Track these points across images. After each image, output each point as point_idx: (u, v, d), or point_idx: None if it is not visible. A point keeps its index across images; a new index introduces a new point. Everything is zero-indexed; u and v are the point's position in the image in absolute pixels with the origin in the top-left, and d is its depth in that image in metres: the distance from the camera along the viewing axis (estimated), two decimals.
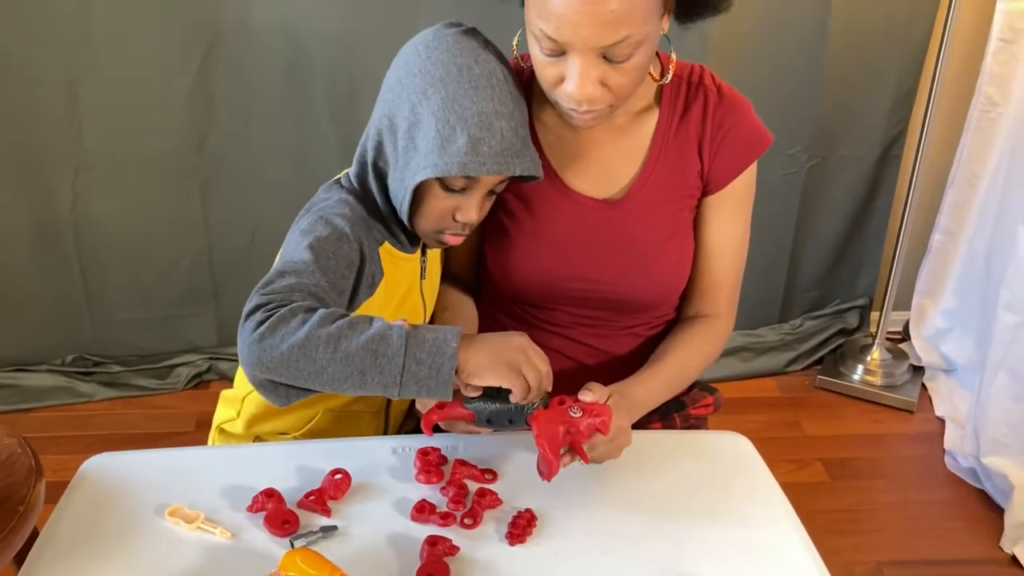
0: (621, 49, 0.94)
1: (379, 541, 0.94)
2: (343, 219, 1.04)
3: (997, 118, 2.24)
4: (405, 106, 1.01)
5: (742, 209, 1.20)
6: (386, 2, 2.07)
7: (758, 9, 2.17)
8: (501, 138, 0.98)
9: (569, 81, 0.98)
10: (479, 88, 0.98)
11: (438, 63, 1.00)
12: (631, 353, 1.22)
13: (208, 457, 1.08)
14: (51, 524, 0.95)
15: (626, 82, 0.99)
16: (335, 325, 0.88)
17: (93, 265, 2.30)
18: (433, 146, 0.98)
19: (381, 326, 0.89)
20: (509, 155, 0.99)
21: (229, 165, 2.24)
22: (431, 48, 1.01)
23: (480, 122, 0.97)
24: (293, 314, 0.89)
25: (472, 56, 1.00)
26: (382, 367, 0.87)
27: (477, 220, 1.07)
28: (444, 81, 0.99)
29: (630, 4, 0.91)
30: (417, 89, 1.00)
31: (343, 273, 1.02)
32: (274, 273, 0.97)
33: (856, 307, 2.65)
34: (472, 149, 0.97)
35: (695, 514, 1.00)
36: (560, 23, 0.93)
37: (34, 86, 2.08)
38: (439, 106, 0.98)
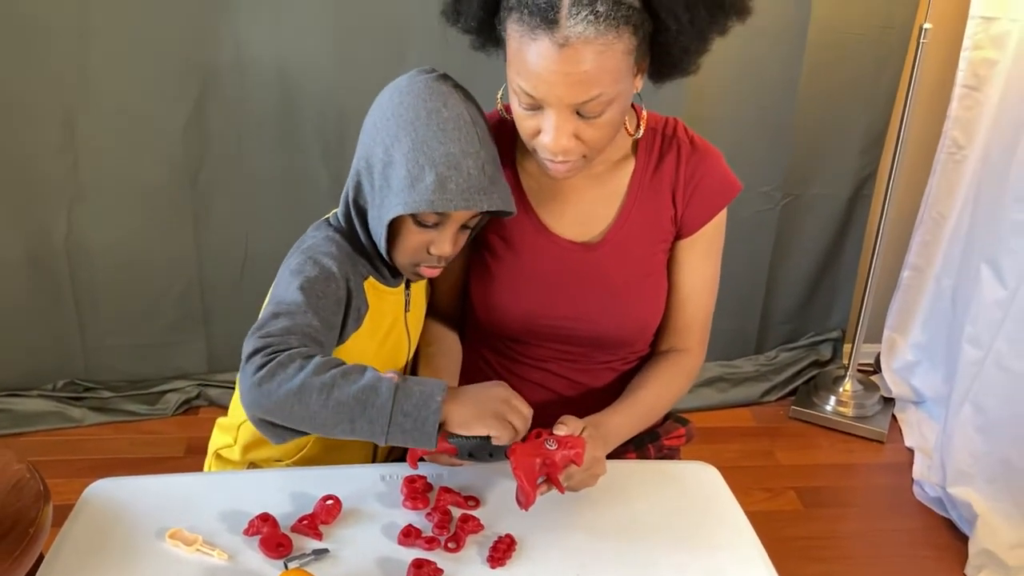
0: (593, 106, 1.02)
1: (368, 564, 0.99)
2: (330, 258, 1.10)
3: (962, 160, 2.34)
4: (379, 148, 1.08)
5: (712, 252, 1.27)
6: (375, 44, 2.15)
7: (734, 53, 2.26)
8: (468, 176, 1.04)
9: (545, 134, 1.05)
10: (447, 130, 1.04)
11: (409, 108, 1.06)
12: (607, 386, 1.29)
13: (206, 483, 1.14)
14: (56, 547, 1.01)
15: (599, 136, 1.06)
16: (329, 374, 0.95)
17: (86, 293, 2.35)
18: (404, 185, 1.04)
19: (372, 377, 0.96)
20: (475, 192, 1.04)
21: (221, 197, 2.30)
22: (404, 93, 1.08)
23: (447, 162, 1.03)
24: (291, 360, 0.96)
25: (441, 100, 1.06)
26: (371, 417, 0.94)
27: (451, 253, 1.13)
28: (414, 124, 1.05)
29: (601, 66, 0.99)
30: (390, 132, 1.07)
31: (333, 310, 1.08)
32: (268, 315, 1.03)
33: (829, 339, 2.73)
34: (440, 187, 1.03)
35: (665, 539, 1.06)
36: (537, 81, 1.00)
37: (32, 119, 2.14)
38: (409, 147, 1.05)
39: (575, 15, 0.96)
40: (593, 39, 0.96)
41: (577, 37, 0.96)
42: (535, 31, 0.98)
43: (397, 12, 2.11)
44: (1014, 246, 2.03)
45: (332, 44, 2.15)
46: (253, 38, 2.14)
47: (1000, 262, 2.07)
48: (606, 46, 0.97)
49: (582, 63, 0.98)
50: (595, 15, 0.96)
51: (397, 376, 0.97)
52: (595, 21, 0.96)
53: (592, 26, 0.96)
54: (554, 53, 0.97)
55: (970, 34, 2.24)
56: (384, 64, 2.15)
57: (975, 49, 2.24)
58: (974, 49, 2.24)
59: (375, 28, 2.13)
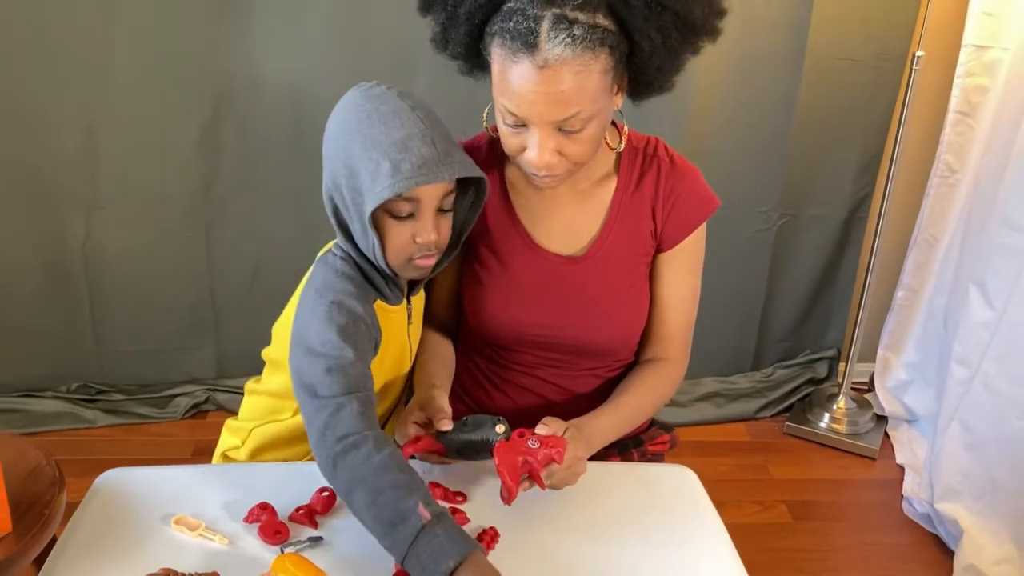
0: (573, 123, 1.09)
1: (358, 551, 1.06)
2: (352, 298, 1.15)
3: (955, 184, 2.39)
4: (339, 164, 1.14)
5: (693, 265, 1.33)
6: (384, 61, 2.23)
7: (733, 77, 2.33)
8: (419, 154, 1.09)
9: (530, 150, 1.12)
10: (388, 122, 1.10)
11: (351, 118, 1.13)
12: (592, 392, 1.35)
13: (210, 474, 1.21)
14: (69, 529, 1.08)
15: (580, 151, 1.13)
16: (383, 497, 0.99)
17: (100, 299, 2.43)
18: (368, 183, 1.10)
19: (407, 507, 0.98)
20: (432, 166, 1.09)
21: (233, 209, 2.39)
22: (343, 110, 1.16)
23: (397, 147, 1.09)
24: (355, 470, 1.01)
25: (377, 101, 1.13)
26: (392, 542, 0.99)
27: (437, 239, 1.16)
28: (359, 129, 1.12)
29: (579, 85, 1.06)
30: (342, 146, 1.13)
31: (368, 348, 1.15)
32: (322, 371, 1.07)
33: (825, 358, 2.79)
34: (395, 171, 1.08)
35: (640, 536, 1.12)
36: (519, 101, 1.08)
37: (56, 131, 2.23)
38: (361, 150, 1.11)
39: (553, 38, 1.03)
40: (571, 60, 1.04)
41: (556, 59, 1.03)
42: (516, 54, 1.05)
43: (405, 30, 2.18)
44: (1000, 268, 2.08)
45: (342, 61, 2.23)
46: (266, 56, 2.22)
47: (987, 283, 2.12)
48: (583, 67, 1.05)
49: (561, 83, 1.05)
50: (572, 38, 1.03)
51: (432, 517, 0.98)
52: (572, 44, 1.03)
53: (569, 48, 1.03)
54: (535, 74, 1.05)
55: (963, 62, 2.29)
56: (394, 80, 2.20)
57: (968, 76, 2.30)
58: (967, 76, 2.30)
59: (384, 46, 2.21)
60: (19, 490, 1.05)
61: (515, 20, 1.05)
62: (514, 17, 1.05)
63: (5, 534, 1.01)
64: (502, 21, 1.06)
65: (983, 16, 2.24)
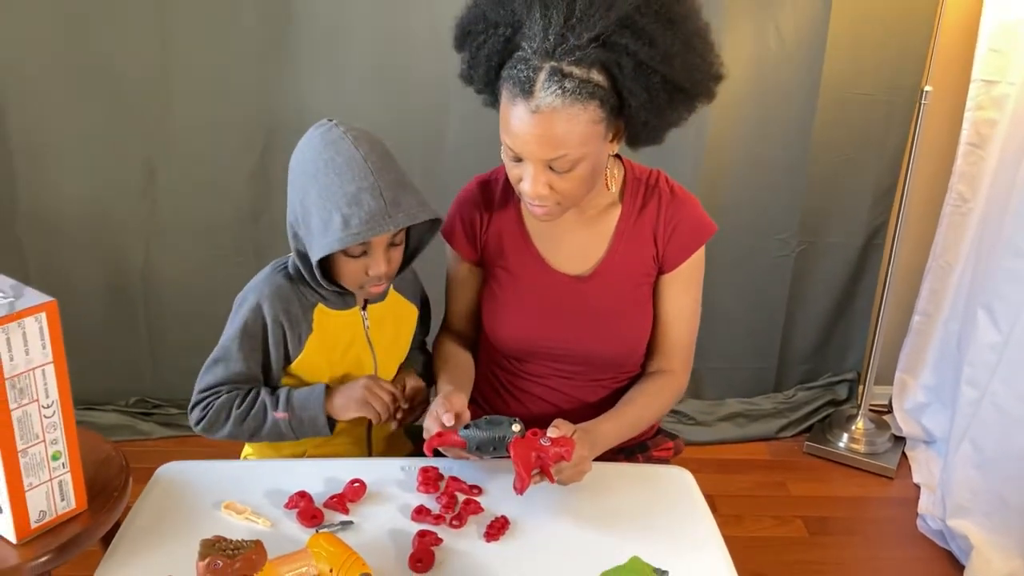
0: (562, 163, 1.24)
1: (383, 533, 1.20)
2: (264, 297, 1.35)
3: (967, 213, 2.49)
4: (297, 202, 1.29)
5: (692, 286, 1.46)
6: (420, 98, 2.39)
7: (749, 111, 2.46)
8: (368, 208, 1.22)
9: (524, 182, 1.27)
10: (342, 173, 1.24)
11: (309, 162, 1.27)
12: (600, 401, 1.48)
13: (256, 467, 1.36)
14: (133, 512, 1.24)
15: (569, 188, 1.27)
16: (246, 423, 1.35)
17: (157, 320, 2.61)
18: (319, 230, 1.25)
19: (271, 422, 1.35)
20: (378, 219, 1.23)
21: (280, 237, 2.51)
22: (303, 151, 1.30)
23: (348, 200, 1.23)
24: (218, 414, 1.37)
25: (333, 149, 1.25)
26: (286, 440, 1.37)
27: (388, 271, 1.32)
28: (315, 176, 1.26)
29: (568, 131, 1.20)
30: (302, 187, 1.28)
31: (261, 344, 1.36)
32: (210, 360, 1.39)
33: (845, 380, 2.87)
34: (344, 225, 1.22)
35: (637, 527, 1.24)
36: (515, 139, 1.23)
37: (119, 165, 2.42)
38: (316, 196, 1.25)
39: (546, 88, 1.18)
40: (560, 109, 1.19)
41: (547, 106, 1.19)
42: (515, 98, 1.21)
43: (438, 68, 2.35)
44: (1006, 292, 2.17)
45: (381, 98, 2.40)
46: (311, 95, 2.40)
47: (994, 307, 2.21)
48: (572, 115, 1.19)
49: (551, 127, 1.20)
50: (563, 90, 1.18)
51: (285, 413, 1.34)
52: (562, 95, 1.18)
53: (559, 98, 1.18)
54: (528, 117, 1.20)
55: (972, 96, 2.40)
56: (429, 115, 2.40)
57: (977, 110, 2.40)
58: (976, 110, 2.40)
59: (419, 83, 2.38)
60: (92, 475, 1.21)
61: (519, 68, 1.20)
62: (519, 65, 1.20)
63: (81, 511, 1.17)
64: (510, 67, 1.22)
65: (991, 52, 2.34)
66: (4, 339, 1.02)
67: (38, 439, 1.09)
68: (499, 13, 1.23)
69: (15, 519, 1.10)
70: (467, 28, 1.29)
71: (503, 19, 1.23)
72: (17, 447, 1.07)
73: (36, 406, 1.08)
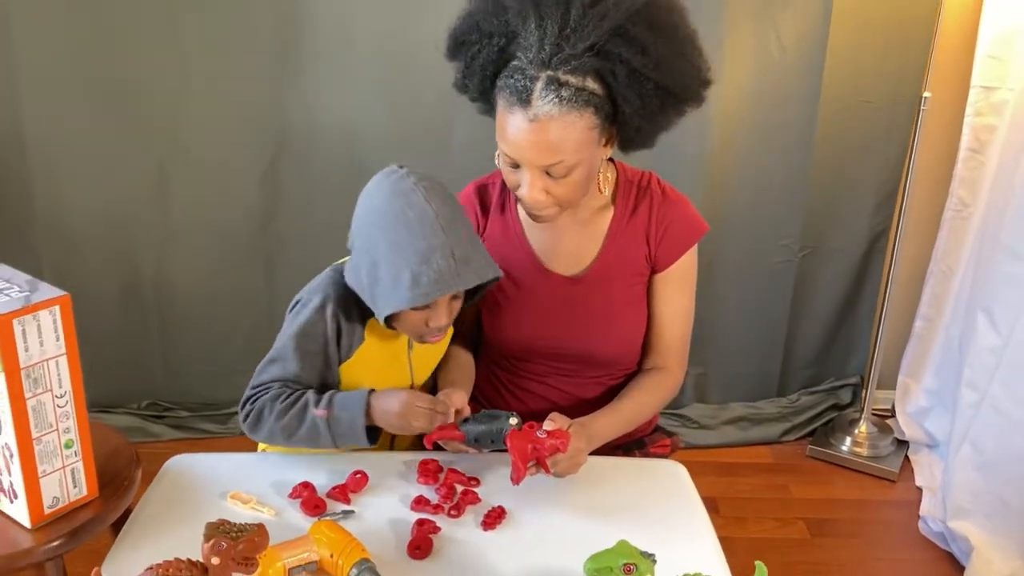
0: (558, 169, 1.28)
1: (383, 522, 1.24)
2: (327, 300, 1.34)
3: (968, 218, 2.51)
4: (365, 254, 1.28)
5: (685, 284, 1.50)
6: (426, 110, 2.44)
7: (750, 117, 2.49)
8: (437, 267, 1.22)
9: (522, 187, 1.31)
10: (412, 230, 1.23)
11: (380, 213, 1.27)
12: (597, 398, 1.52)
13: (261, 459, 1.40)
14: (143, 502, 1.28)
15: (565, 192, 1.32)
16: (285, 419, 1.30)
17: (169, 324, 2.66)
18: (388, 285, 1.25)
19: (310, 421, 1.29)
20: (447, 278, 1.23)
21: (290, 242, 2.60)
22: (373, 198, 1.29)
23: (419, 259, 1.23)
24: (261, 411, 1.32)
25: (404, 201, 1.25)
26: (323, 444, 1.30)
27: (447, 323, 1.33)
28: (385, 229, 1.26)
29: (564, 138, 1.24)
30: (371, 238, 1.28)
31: (320, 348, 1.34)
32: (266, 360, 1.36)
33: (849, 385, 2.90)
34: (415, 284, 1.22)
35: (630, 518, 1.27)
36: (513, 146, 1.27)
37: (132, 171, 2.47)
38: (386, 250, 1.25)
39: (543, 97, 1.22)
40: (557, 117, 1.23)
41: (544, 115, 1.23)
42: (513, 107, 1.25)
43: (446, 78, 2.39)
44: (1005, 296, 2.20)
45: (390, 107, 2.45)
46: (321, 103, 2.45)
47: (994, 310, 2.23)
48: (568, 123, 1.24)
49: (548, 135, 1.24)
50: (559, 98, 1.22)
51: (325, 411, 1.29)
52: (559, 103, 1.22)
53: (556, 107, 1.22)
54: (526, 125, 1.24)
55: (972, 102, 2.42)
56: (435, 124, 2.45)
57: (977, 116, 2.43)
58: (976, 116, 2.43)
59: (426, 92, 2.42)
60: (103, 465, 1.25)
61: (516, 77, 1.24)
62: (515, 75, 1.24)
63: (93, 498, 1.21)
64: (506, 76, 1.26)
65: (989, 59, 2.37)
66: (20, 331, 1.06)
67: (51, 428, 1.14)
68: (493, 23, 1.27)
69: (29, 504, 1.14)
70: (460, 38, 1.32)
71: (497, 29, 1.27)
72: (32, 435, 1.11)
73: (50, 396, 1.12)
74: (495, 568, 1.17)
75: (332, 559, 1.11)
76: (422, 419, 1.27)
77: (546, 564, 1.18)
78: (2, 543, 1.14)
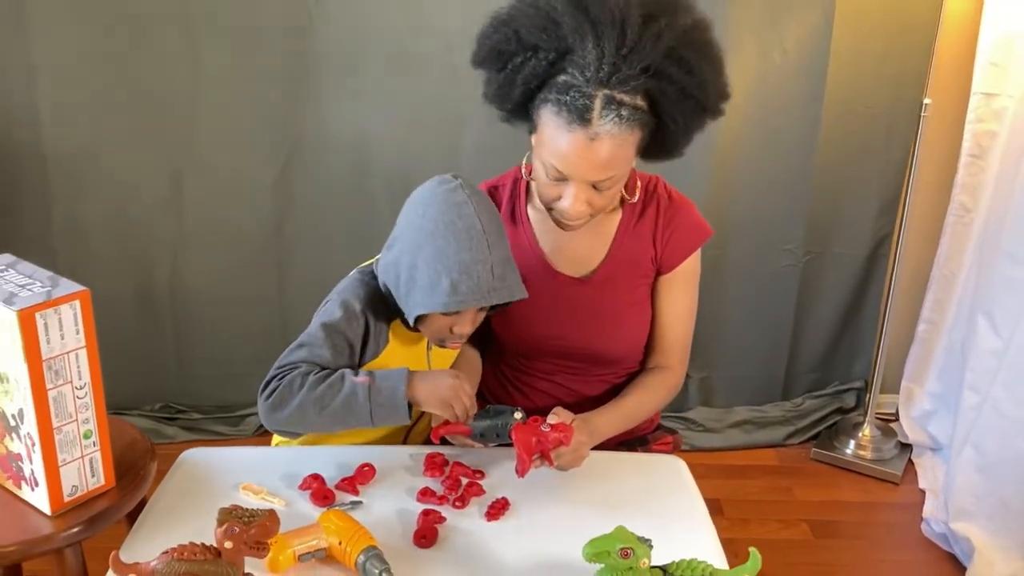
0: (607, 183, 1.32)
1: (390, 512, 1.28)
2: (357, 300, 1.39)
3: (970, 223, 2.54)
4: (406, 255, 1.33)
5: (689, 286, 1.54)
6: (436, 120, 2.49)
7: (753, 124, 2.53)
8: (477, 280, 1.28)
9: (565, 200, 1.34)
10: (460, 240, 1.28)
11: (430, 219, 1.31)
12: (601, 396, 1.55)
13: (272, 452, 1.45)
14: (157, 493, 1.32)
15: (604, 203, 1.36)
16: (319, 389, 1.27)
17: (183, 328, 2.70)
18: (426, 288, 1.30)
19: (349, 386, 1.28)
20: (485, 291, 1.29)
21: (301, 247, 2.65)
22: (426, 206, 1.32)
23: (460, 268, 1.28)
24: (291, 383, 1.29)
25: (455, 212, 1.29)
26: (357, 415, 1.28)
27: (470, 332, 1.38)
28: (433, 235, 1.30)
29: (618, 154, 1.28)
30: (416, 241, 1.32)
31: (348, 344, 1.37)
32: (294, 345, 1.36)
33: (853, 389, 2.92)
34: (452, 291, 1.27)
35: (630, 510, 1.30)
36: (566, 162, 1.30)
37: (147, 177, 2.53)
38: (431, 256, 1.29)
39: (604, 117, 1.25)
40: (616, 135, 1.26)
41: (605, 133, 1.26)
42: (571, 125, 1.26)
43: (454, 95, 2.45)
44: (1005, 299, 2.22)
45: (399, 119, 2.50)
46: (332, 114, 2.50)
47: (994, 314, 2.26)
48: (623, 140, 1.28)
49: (605, 152, 1.27)
50: (619, 118, 1.25)
51: (367, 377, 1.28)
52: (619, 121, 1.26)
53: (616, 125, 1.26)
54: (585, 143, 1.27)
55: (973, 108, 2.46)
56: (443, 136, 2.51)
57: (978, 122, 2.46)
58: (977, 122, 2.46)
59: (435, 106, 2.48)
60: (120, 456, 1.29)
61: (572, 95, 1.26)
62: (571, 92, 1.26)
63: (110, 487, 1.26)
64: (558, 92, 1.27)
65: (990, 66, 2.40)
66: (42, 324, 1.11)
67: (71, 418, 1.18)
68: (541, 37, 1.28)
69: (50, 492, 1.19)
70: (497, 47, 1.32)
71: (546, 44, 1.28)
72: (53, 425, 1.16)
73: (70, 387, 1.17)
74: (499, 557, 1.21)
75: (340, 546, 1.15)
76: (460, 407, 1.30)
77: (548, 553, 1.22)
78: (23, 529, 1.19)
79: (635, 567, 1.06)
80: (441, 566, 1.19)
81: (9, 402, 1.17)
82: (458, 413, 1.30)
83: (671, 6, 1.28)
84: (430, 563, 1.20)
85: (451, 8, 2.38)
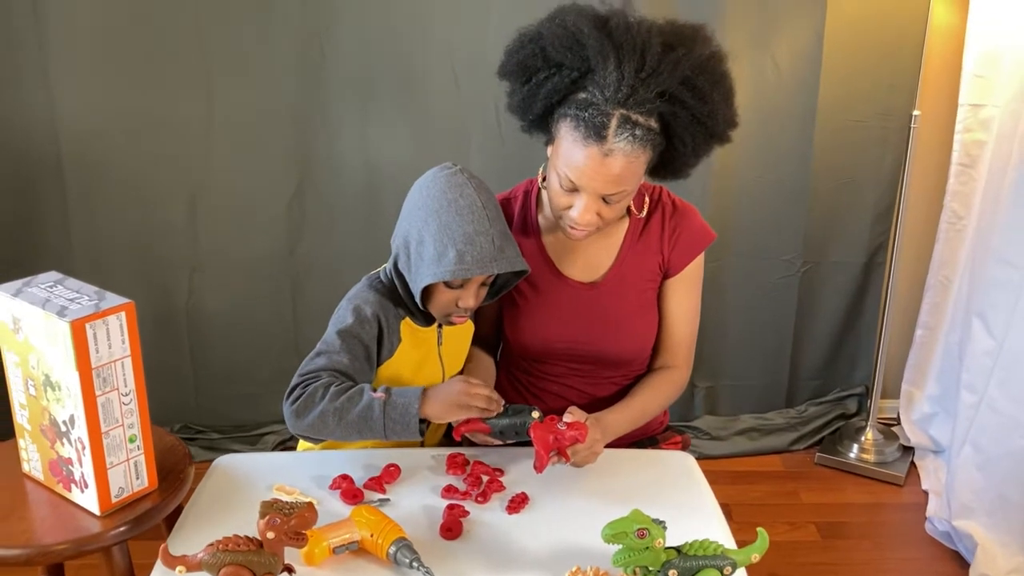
0: (617, 197, 1.41)
1: (417, 508, 1.36)
2: (367, 304, 1.47)
3: (962, 229, 2.62)
4: (413, 231, 1.42)
5: (693, 289, 1.62)
6: (444, 142, 2.58)
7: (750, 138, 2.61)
8: (480, 249, 1.36)
9: (575, 210, 1.43)
10: (463, 215, 1.37)
11: (433, 198, 1.40)
12: (610, 397, 1.63)
13: (304, 457, 1.52)
14: (194, 497, 1.40)
15: (612, 214, 1.45)
16: (339, 401, 1.34)
17: (200, 349, 2.77)
18: (433, 259, 1.38)
19: (367, 400, 1.34)
20: (488, 260, 1.37)
21: (314, 269, 2.72)
22: (429, 187, 1.42)
23: (465, 239, 1.36)
24: (313, 395, 1.36)
25: (457, 191, 1.39)
26: (371, 428, 1.34)
27: (474, 305, 1.46)
28: (438, 212, 1.39)
29: (629, 171, 1.37)
30: (421, 218, 1.41)
31: (364, 347, 1.45)
32: (313, 354, 1.43)
33: (854, 394, 2.99)
34: (459, 260, 1.36)
35: (643, 502, 1.35)
36: (580, 175, 1.38)
37: (163, 201, 2.60)
38: (436, 229, 1.38)
39: (619, 135, 1.34)
40: (629, 152, 1.35)
41: (618, 150, 1.35)
42: (587, 140, 1.35)
43: (460, 116, 2.54)
44: (998, 300, 2.30)
45: (408, 142, 2.58)
46: (344, 137, 2.58)
47: (988, 315, 2.34)
48: (635, 157, 1.36)
49: (617, 168, 1.36)
50: (633, 137, 1.34)
51: (383, 393, 1.35)
52: (632, 140, 1.34)
53: (630, 144, 1.35)
54: (599, 158, 1.35)
55: (961, 119, 2.55)
56: (452, 158, 2.56)
57: (966, 132, 2.55)
58: (965, 132, 2.55)
59: (443, 129, 2.57)
60: (160, 460, 1.37)
61: (590, 112, 1.34)
62: (589, 109, 1.35)
63: (153, 489, 1.33)
64: (578, 109, 1.36)
65: (976, 78, 2.49)
66: (92, 334, 1.19)
67: (118, 423, 1.26)
68: (566, 56, 1.37)
69: (99, 493, 1.26)
70: (524, 62, 1.42)
71: (570, 62, 1.37)
72: (101, 429, 1.23)
73: (116, 394, 1.25)
74: (520, 546, 1.28)
75: (372, 538, 1.23)
76: (480, 402, 1.37)
77: (566, 542, 1.29)
78: (74, 529, 1.26)
79: (651, 546, 1.13)
80: (467, 556, 1.26)
81: (60, 409, 1.25)
82: (481, 405, 1.37)
83: (690, 38, 1.38)
84: (456, 553, 1.27)
85: (458, 33, 2.48)
